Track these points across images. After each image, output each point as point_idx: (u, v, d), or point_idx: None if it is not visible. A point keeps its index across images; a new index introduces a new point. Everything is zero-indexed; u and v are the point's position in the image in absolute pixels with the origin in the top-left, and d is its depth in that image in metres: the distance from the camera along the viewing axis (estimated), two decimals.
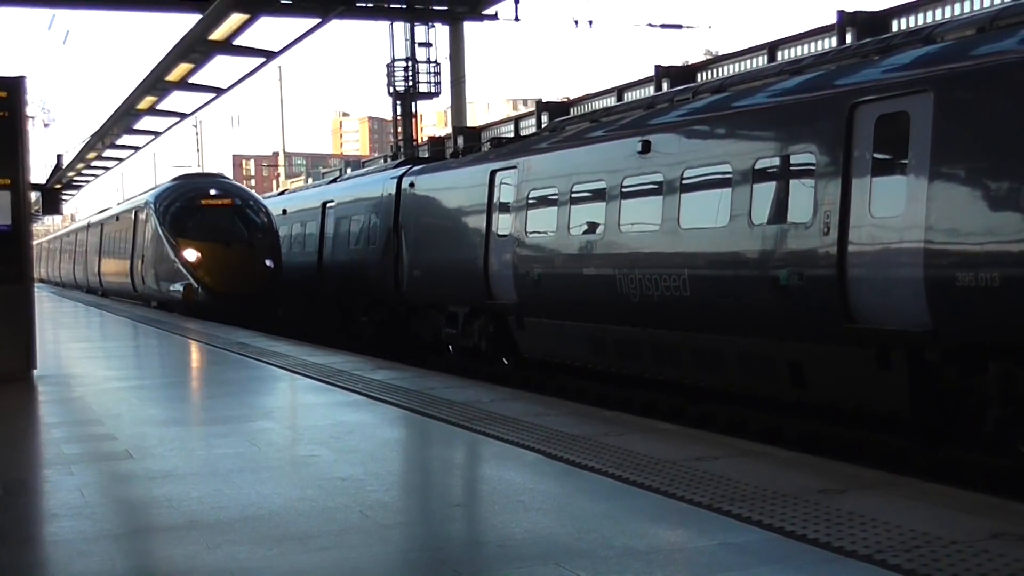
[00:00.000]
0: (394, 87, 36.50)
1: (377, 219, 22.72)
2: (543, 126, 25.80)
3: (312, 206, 28.44)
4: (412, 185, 21.80)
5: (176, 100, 35.75)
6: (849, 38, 19.75)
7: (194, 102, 36.14)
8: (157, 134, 43.79)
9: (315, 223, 27.56)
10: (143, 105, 35.74)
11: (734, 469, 5.98)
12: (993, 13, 10.83)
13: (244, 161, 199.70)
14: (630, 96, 26.77)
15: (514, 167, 17.52)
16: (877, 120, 10.73)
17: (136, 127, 41.85)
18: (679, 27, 35.83)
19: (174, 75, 30.99)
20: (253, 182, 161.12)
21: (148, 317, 25.39)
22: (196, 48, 27.63)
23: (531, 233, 16.63)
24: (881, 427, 11.11)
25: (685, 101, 14.70)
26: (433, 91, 36.92)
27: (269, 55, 28.68)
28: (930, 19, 18.67)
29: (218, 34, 26.05)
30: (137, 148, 49.08)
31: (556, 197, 16.21)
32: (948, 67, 10.19)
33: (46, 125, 66.63)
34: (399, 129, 37.19)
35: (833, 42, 20.50)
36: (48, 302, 35.99)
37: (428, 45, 36.16)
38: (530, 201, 16.81)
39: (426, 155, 32.56)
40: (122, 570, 4.56)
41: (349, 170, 36.32)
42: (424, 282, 20.78)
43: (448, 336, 19.78)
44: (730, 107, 13.38)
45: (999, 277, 9.22)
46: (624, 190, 14.54)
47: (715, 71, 24.93)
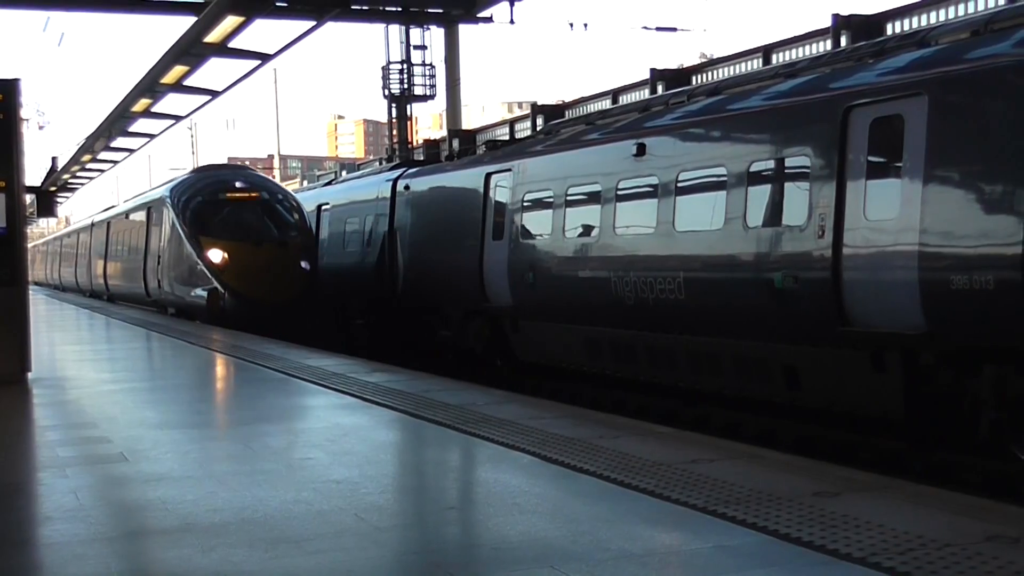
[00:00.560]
0: (389, 90, 36.51)
1: (372, 222, 22.76)
2: (538, 129, 25.81)
3: (307, 209, 26.79)
4: (407, 188, 21.83)
5: (171, 102, 35.66)
6: (844, 41, 19.76)
7: (189, 104, 36.04)
8: (152, 136, 43.69)
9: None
10: (138, 108, 35.63)
11: (729, 472, 5.99)
12: (988, 16, 10.85)
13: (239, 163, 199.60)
14: (625, 99, 26.76)
15: (509, 170, 17.53)
16: (872, 123, 10.75)
17: (131, 129, 41.75)
18: (674, 30, 35.90)
19: (169, 77, 30.89)
20: None
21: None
22: (191, 51, 27.57)
23: (526, 236, 16.63)
24: (876, 430, 11.12)
25: (680, 104, 14.71)
26: (428, 94, 36.94)
27: (264, 57, 28.61)
28: (925, 22, 18.68)
29: (213, 36, 25.98)
30: (132, 150, 48.97)
31: (551, 200, 16.21)
32: (943, 70, 10.21)
33: (41, 127, 66.58)
34: (394, 132, 37.20)
35: (828, 45, 20.50)
36: (44, 305, 35.68)
37: (423, 48, 36.18)
38: (525, 204, 16.81)
39: (421, 158, 32.55)
40: (117, 573, 4.55)
41: (344, 173, 36.31)
42: (419, 285, 20.80)
43: (443, 339, 19.78)
44: (725, 110, 13.40)
45: (993, 280, 9.24)
46: (619, 193, 14.55)
47: (710, 74, 24.93)
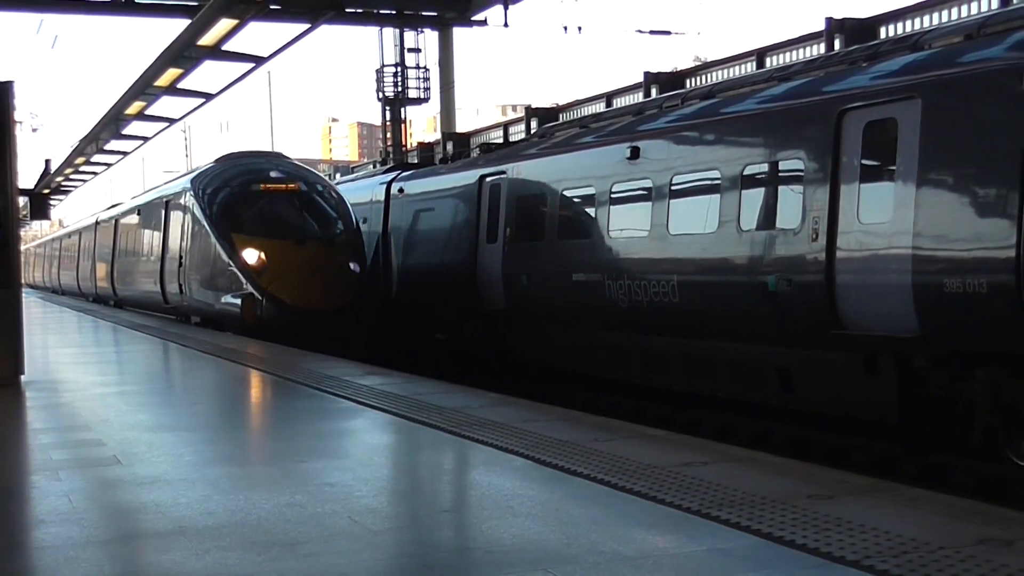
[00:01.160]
0: (383, 92, 36.50)
1: (366, 225, 22.74)
2: (532, 132, 25.81)
3: None
4: (401, 191, 21.87)
5: (165, 105, 35.62)
6: (837, 45, 19.79)
7: (183, 107, 36.02)
8: (146, 139, 43.63)
9: None
10: (131, 110, 35.59)
11: (723, 475, 5.99)
12: (980, 20, 10.88)
13: None
14: (619, 102, 26.80)
15: (503, 173, 17.54)
16: (865, 126, 10.77)
17: (124, 132, 41.70)
18: (668, 33, 36.03)
19: (163, 80, 30.84)
20: None
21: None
22: (185, 53, 27.56)
23: (520, 238, 16.64)
24: (870, 433, 11.13)
25: (674, 107, 14.73)
26: (422, 96, 36.95)
27: (258, 60, 28.59)
28: (918, 26, 18.72)
29: (207, 39, 25.95)
30: (126, 153, 48.91)
31: (545, 203, 16.22)
32: (936, 74, 10.23)
33: (34, 130, 66.50)
34: (388, 134, 37.20)
35: (821, 48, 20.54)
36: (41, 309, 35.54)
37: (417, 51, 36.20)
38: (519, 207, 16.82)
39: (415, 160, 32.56)
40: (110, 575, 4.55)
41: (338, 175, 36.27)
42: (413, 288, 20.84)
43: (437, 341, 19.82)
44: (719, 113, 13.42)
45: (987, 283, 9.25)
46: (613, 196, 14.56)
47: (704, 77, 24.96)
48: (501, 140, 29.90)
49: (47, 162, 50.68)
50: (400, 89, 36.32)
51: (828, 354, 11.08)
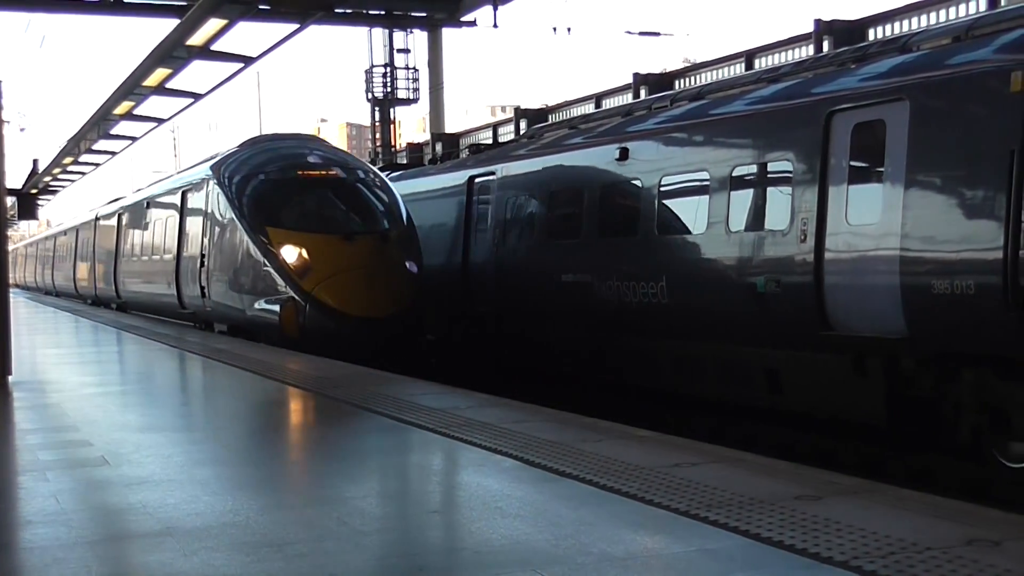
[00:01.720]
0: (373, 93, 36.51)
1: None
2: (521, 133, 25.82)
3: None
4: None
5: (153, 105, 35.58)
6: (826, 46, 19.83)
7: (172, 107, 35.97)
8: (134, 139, 43.55)
9: None
10: (120, 110, 35.52)
11: (711, 476, 6.00)
12: (969, 23, 10.91)
13: None
14: (608, 103, 26.83)
15: (492, 173, 17.54)
16: (854, 128, 10.79)
17: (113, 132, 41.62)
18: (657, 35, 36.02)
19: (152, 80, 30.79)
20: None
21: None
22: (174, 53, 27.52)
23: (509, 239, 16.64)
24: (858, 434, 11.15)
25: (663, 108, 14.75)
26: (412, 97, 36.97)
27: (247, 60, 28.57)
28: (906, 28, 18.77)
29: (196, 39, 25.91)
30: (114, 153, 48.82)
31: (534, 203, 16.23)
32: (924, 76, 10.26)
33: (22, 130, 66.35)
34: (378, 135, 37.21)
35: (810, 50, 20.58)
36: (40, 314, 35.26)
37: (407, 51, 36.22)
38: (508, 207, 16.82)
39: (405, 161, 32.53)
40: None
41: None
42: None
43: (427, 342, 19.76)
44: (708, 115, 13.44)
45: (974, 285, 9.28)
46: (602, 197, 14.57)
47: (693, 79, 24.99)
48: (490, 141, 29.89)
49: (35, 162, 50.44)
50: (389, 90, 36.34)
51: (816, 355, 11.10)
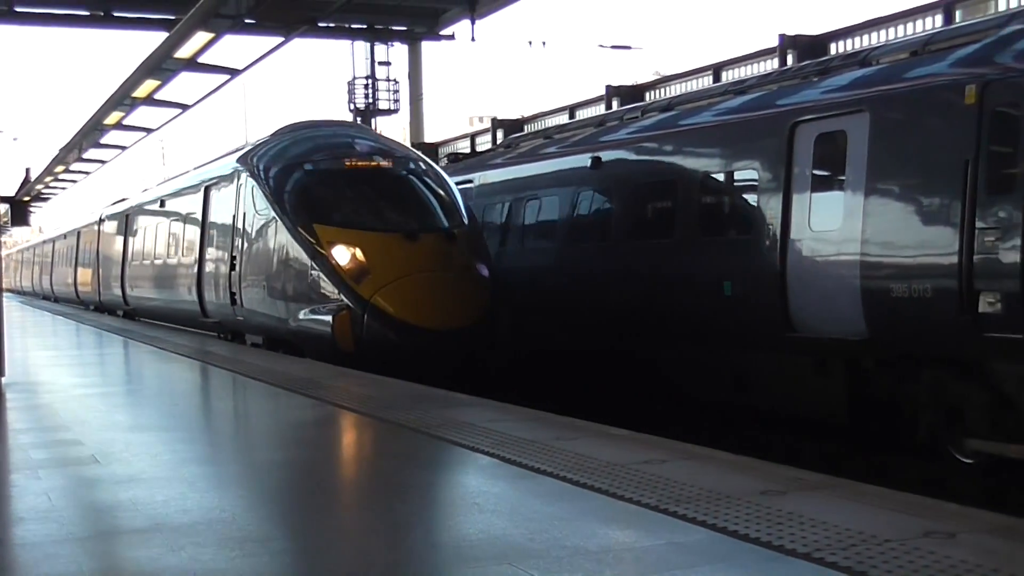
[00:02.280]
0: (355, 104, 36.47)
1: None
2: (498, 142, 25.81)
3: None
4: None
5: (143, 115, 35.48)
6: (790, 60, 19.93)
7: (160, 117, 35.87)
8: (124, 148, 43.40)
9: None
10: (110, 120, 35.43)
11: (681, 472, 6.01)
12: (926, 38, 10.98)
13: None
14: (582, 114, 26.86)
15: (470, 181, 17.55)
16: (816, 138, 10.84)
17: (103, 141, 41.47)
18: (628, 48, 36.11)
19: (141, 91, 30.75)
20: None
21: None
22: (162, 65, 27.46)
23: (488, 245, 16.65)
24: (822, 432, 11.19)
25: (634, 119, 14.79)
26: (392, 108, 36.93)
27: (233, 72, 28.58)
28: (866, 43, 18.86)
29: (184, 52, 25.89)
30: (104, 162, 48.65)
31: (510, 211, 16.24)
32: (883, 88, 10.32)
33: (15, 139, 66.08)
34: None
35: (775, 64, 20.67)
36: (24, 314, 34.90)
37: (388, 64, 36.22)
38: (485, 214, 16.83)
39: None
40: (88, 572, 4.51)
41: None
42: None
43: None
44: (677, 125, 13.49)
45: (931, 289, 9.33)
46: (576, 204, 14.60)
47: (663, 90, 25.06)
48: (468, 150, 29.88)
49: (27, 170, 50.05)
50: (371, 100, 36.29)
51: (781, 356, 11.15)
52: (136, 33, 33.90)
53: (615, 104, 24.83)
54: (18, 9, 30.80)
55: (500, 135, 29.64)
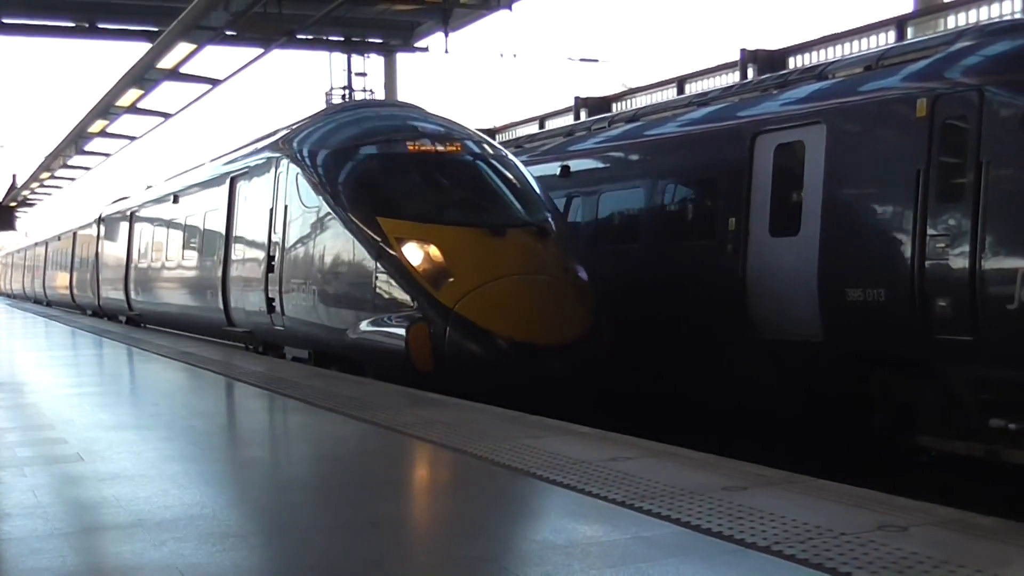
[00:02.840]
0: None
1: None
2: None
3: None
4: None
5: (126, 123, 35.33)
6: (751, 73, 20.02)
7: (143, 126, 35.72)
8: (108, 155, 43.19)
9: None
10: (95, 128, 35.26)
11: (646, 468, 6.03)
12: (879, 53, 11.07)
13: None
14: (551, 124, 26.90)
15: None
16: (776, 148, 10.91)
17: (87, 149, 41.27)
18: (596, 61, 36.22)
19: (124, 100, 30.64)
20: None
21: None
22: (146, 75, 27.36)
23: None
24: (783, 429, 11.25)
25: (602, 129, 14.83)
26: None
27: (214, 82, 28.48)
28: (823, 57, 18.98)
29: (167, 62, 25.81)
30: (88, 168, 48.42)
31: None
32: (839, 101, 10.40)
33: (0, 147, 65.66)
34: None
35: (736, 77, 20.77)
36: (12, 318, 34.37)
37: (364, 75, 36.14)
38: None
39: None
40: (72, 566, 4.49)
41: None
42: None
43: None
44: (643, 135, 13.53)
45: (885, 294, 9.40)
46: None
47: (629, 102, 25.13)
48: None
49: (14, 176, 49.65)
50: None
51: (742, 356, 11.20)
52: (120, 44, 33.75)
53: (583, 115, 24.89)
54: (5, 20, 30.58)
55: None
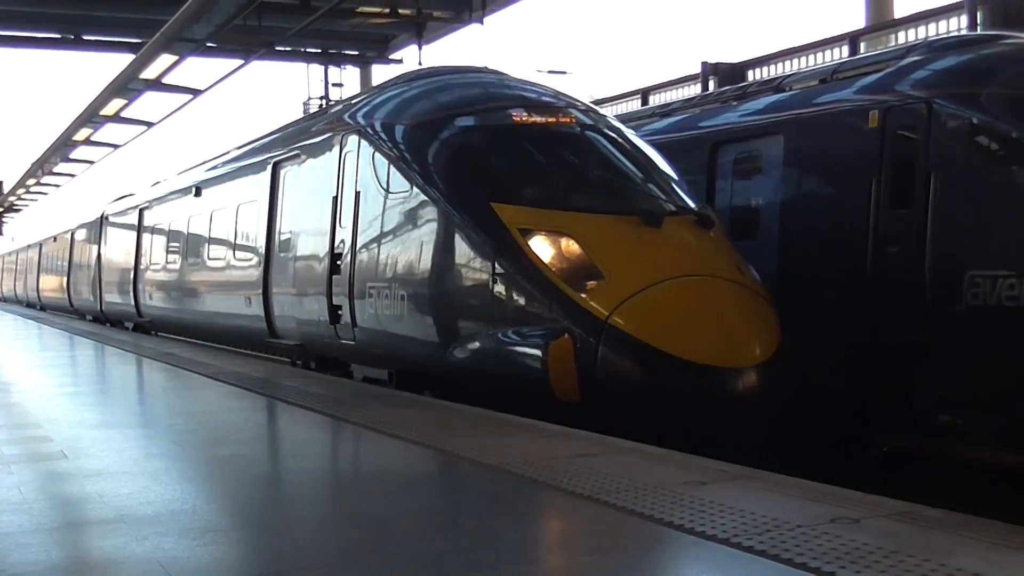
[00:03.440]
0: None
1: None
2: None
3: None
4: None
5: (110, 132, 35.16)
6: (712, 85, 20.12)
7: (127, 134, 35.54)
8: (92, 163, 42.96)
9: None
10: (79, 136, 35.07)
11: (610, 464, 6.04)
12: (834, 67, 11.16)
13: None
14: None
15: None
16: (735, 158, 10.96)
17: (72, 156, 41.03)
18: (564, 73, 36.24)
19: (108, 109, 30.52)
20: None
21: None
22: (129, 85, 27.25)
23: None
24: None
25: None
26: None
27: (196, 92, 28.40)
28: (781, 71, 19.10)
29: (149, 73, 25.73)
30: (73, 175, 48.14)
31: None
32: (795, 113, 10.46)
33: None
34: None
35: (698, 89, 20.85)
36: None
37: (340, 85, 36.07)
38: None
39: None
40: (57, 560, 4.45)
41: None
42: None
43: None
44: None
45: (839, 293, 9.48)
46: None
47: None
48: None
49: (0, 183, 49.21)
50: None
51: None
52: (104, 55, 33.55)
53: None
54: None
55: None
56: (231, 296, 15.03)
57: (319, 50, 34.15)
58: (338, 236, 11.28)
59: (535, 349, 8.15)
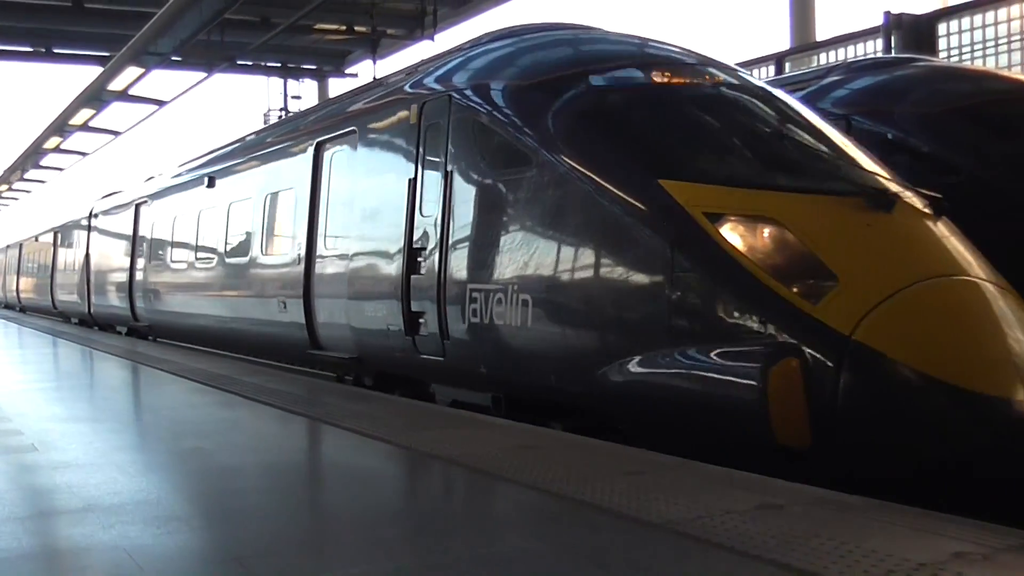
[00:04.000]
0: None
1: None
2: None
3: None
4: None
5: (79, 141, 34.74)
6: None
7: (95, 143, 35.13)
8: (61, 170, 42.44)
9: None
10: (50, 145, 34.61)
11: (554, 456, 6.06)
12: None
13: None
14: None
15: None
16: None
17: (43, 164, 40.53)
18: None
19: (77, 119, 30.17)
20: None
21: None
22: (97, 96, 26.97)
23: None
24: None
25: None
26: None
27: (161, 103, 28.19)
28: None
29: (117, 84, 25.48)
30: (43, 181, 47.60)
31: None
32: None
33: None
34: None
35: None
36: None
37: (299, 97, 36.01)
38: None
39: None
40: (27, 547, 4.38)
41: None
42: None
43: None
44: None
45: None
46: None
47: None
48: None
49: None
50: None
51: None
52: (74, 67, 33.16)
53: None
54: None
55: None
56: (258, 299, 12.36)
57: (279, 64, 34.05)
58: (418, 227, 8.68)
59: (744, 377, 5.64)
